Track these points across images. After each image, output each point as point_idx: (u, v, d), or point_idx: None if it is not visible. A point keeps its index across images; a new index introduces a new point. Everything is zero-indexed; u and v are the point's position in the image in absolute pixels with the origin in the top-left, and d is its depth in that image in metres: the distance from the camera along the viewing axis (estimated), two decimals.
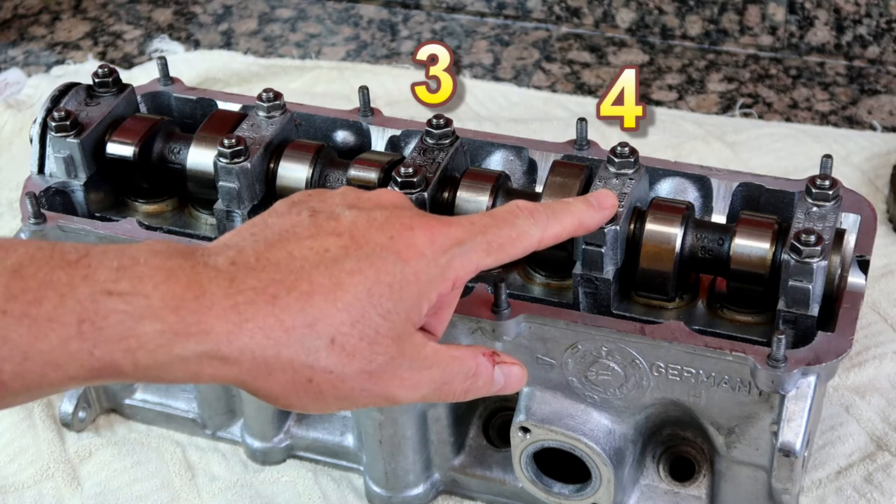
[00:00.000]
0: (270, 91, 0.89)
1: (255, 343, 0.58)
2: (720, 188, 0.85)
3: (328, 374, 0.60)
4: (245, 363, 0.58)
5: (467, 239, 0.65)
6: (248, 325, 0.58)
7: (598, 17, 1.41)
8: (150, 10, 1.53)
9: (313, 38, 1.45)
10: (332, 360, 0.60)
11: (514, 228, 0.67)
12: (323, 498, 0.91)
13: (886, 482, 0.89)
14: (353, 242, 0.62)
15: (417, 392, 0.64)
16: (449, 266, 0.64)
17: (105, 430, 0.97)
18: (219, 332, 0.57)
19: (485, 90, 1.32)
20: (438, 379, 0.65)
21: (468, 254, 0.65)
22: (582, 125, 0.87)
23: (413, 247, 0.63)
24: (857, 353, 0.98)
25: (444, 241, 0.64)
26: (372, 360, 0.61)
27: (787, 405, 0.74)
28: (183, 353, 0.57)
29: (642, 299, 0.82)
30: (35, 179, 0.90)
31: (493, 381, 0.68)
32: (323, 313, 0.59)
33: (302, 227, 0.63)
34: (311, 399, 0.61)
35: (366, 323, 0.60)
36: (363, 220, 0.63)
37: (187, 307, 0.57)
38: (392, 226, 0.63)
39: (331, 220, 0.63)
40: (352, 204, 0.65)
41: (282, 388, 0.60)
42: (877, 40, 1.31)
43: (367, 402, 0.63)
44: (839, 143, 1.19)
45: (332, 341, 0.59)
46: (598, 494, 0.81)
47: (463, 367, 0.66)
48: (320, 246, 0.61)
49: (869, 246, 0.81)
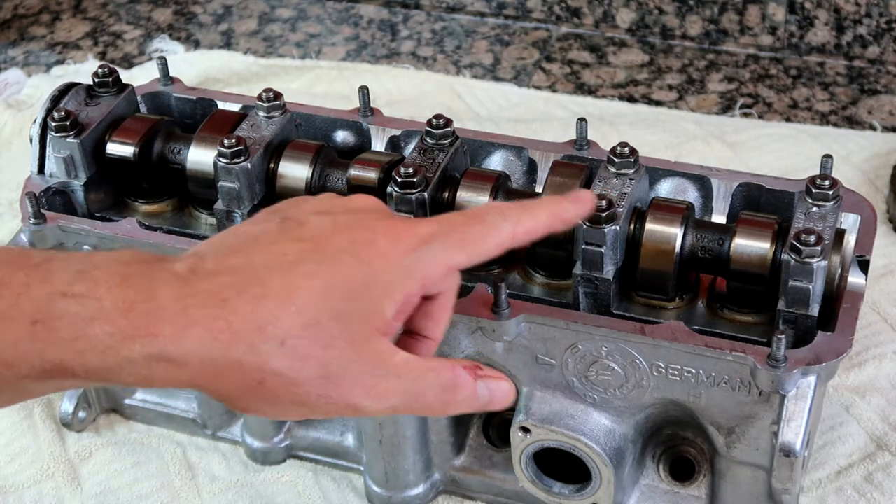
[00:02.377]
0: (270, 91, 0.89)
1: (202, 345, 0.58)
2: (720, 188, 0.85)
3: (279, 377, 0.59)
4: (194, 365, 0.58)
5: (435, 237, 0.63)
6: (195, 328, 0.58)
7: (598, 17, 1.41)
8: (150, 10, 1.53)
9: (313, 38, 1.45)
10: (283, 363, 0.59)
11: (484, 224, 0.65)
12: (323, 498, 0.91)
13: (886, 482, 0.89)
14: (314, 246, 0.61)
15: (385, 402, 0.62)
16: (416, 266, 0.62)
17: (105, 430, 0.97)
18: (166, 335, 0.57)
19: (485, 90, 1.32)
20: (410, 390, 0.63)
21: (437, 252, 0.63)
22: (582, 125, 0.87)
23: (374, 248, 0.62)
24: (857, 353, 0.98)
25: (410, 241, 0.63)
26: (327, 364, 0.60)
27: (787, 405, 0.74)
28: (131, 355, 0.57)
29: (642, 299, 0.82)
30: (35, 179, 0.90)
31: (476, 395, 0.66)
32: (273, 316, 0.59)
33: (269, 234, 0.63)
34: (266, 402, 0.60)
35: (319, 327, 0.59)
36: (328, 224, 0.63)
37: (137, 310, 0.57)
38: (355, 229, 0.63)
39: (297, 227, 0.63)
40: (323, 210, 0.64)
41: (234, 390, 0.60)
42: (877, 40, 1.31)
43: (329, 410, 0.62)
44: (839, 143, 1.19)
45: (283, 344, 0.59)
46: (598, 494, 0.81)
47: (438, 378, 0.65)
48: (280, 251, 0.61)
49: (869, 246, 0.81)
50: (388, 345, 0.62)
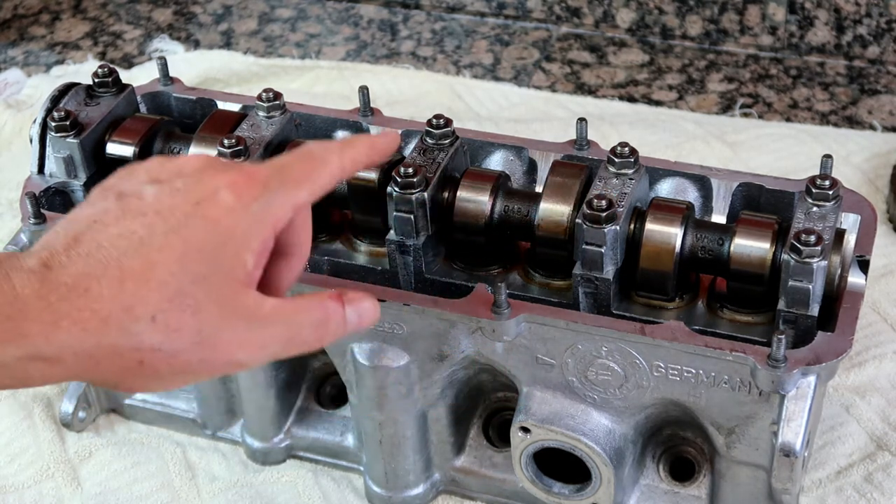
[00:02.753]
0: (270, 91, 0.89)
1: (74, 338, 0.58)
2: (720, 188, 0.85)
3: (157, 353, 0.59)
4: (68, 359, 0.58)
5: (273, 180, 0.64)
6: (63, 323, 0.58)
7: (598, 17, 1.41)
8: (150, 10, 1.53)
9: (313, 38, 1.45)
10: (158, 337, 0.59)
11: (314, 159, 0.66)
12: (323, 498, 0.91)
13: (886, 482, 0.89)
14: (159, 218, 0.61)
15: (264, 352, 0.63)
16: (264, 212, 0.63)
17: (105, 430, 0.97)
18: (35, 334, 0.57)
19: (485, 90, 1.32)
20: (284, 334, 0.63)
21: (280, 194, 0.64)
22: (582, 125, 0.87)
23: (219, 205, 0.62)
24: (857, 353, 0.98)
25: (251, 190, 0.63)
26: (200, 329, 0.60)
27: (787, 405, 0.74)
28: (4, 359, 0.57)
29: (642, 299, 0.82)
30: (35, 179, 0.90)
31: (346, 321, 0.66)
32: (137, 295, 0.58)
33: (109, 213, 0.62)
34: (148, 379, 0.60)
35: (184, 295, 0.59)
36: (166, 192, 0.62)
37: (2, 313, 0.57)
38: (195, 191, 0.62)
39: (137, 201, 0.62)
40: (154, 178, 0.64)
41: (115, 375, 0.60)
42: (877, 40, 1.31)
43: (211, 372, 0.62)
44: (839, 143, 1.19)
45: (153, 320, 0.59)
46: (598, 494, 0.81)
47: (311, 316, 0.65)
48: (126, 229, 0.61)
49: (869, 246, 0.81)
50: (255, 296, 0.62)
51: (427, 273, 0.84)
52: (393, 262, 0.83)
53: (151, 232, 0.60)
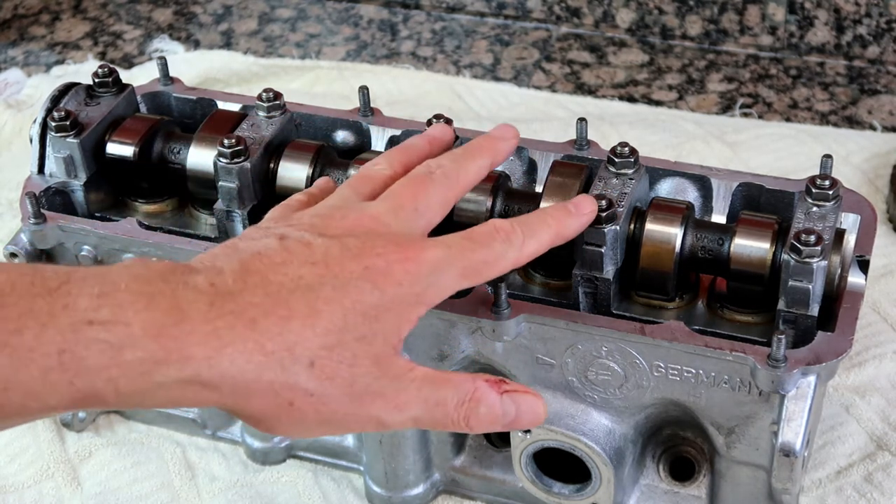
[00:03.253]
0: (270, 91, 0.89)
1: (236, 367, 0.58)
2: (720, 188, 0.85)
3: (310, 397, 0.60)
4: (226, 387, 0.59)
5: (444, 265, 0.65)
6: (227, 350, 0.58)
7: (598, 17, 1.41)
8: (150, 10, 1.53)
9: (313, 38, 1.45)
10: (313, 382, 0.60)
11: (490, 252, 0.67)
12: (323, 498, 0.91)
13: (886, 482, 0.89)
14: (328, 271, 0.62)
15: (405, 413, 0.64)
16: (426, 293, 0.64)
17: (105, 430, 0.97)
18: (199, 358, 0.58)
19: (485, 90, 1.32)
20: (429, 399, 0.64)
21: (444, 280, 0.65)
22: (582, 125, 0.87)
23: (389, 276, 0.63)
24: (857, 353, 0.98)
25: (421, 269, 0.64)
26: (353, 381, 0.61)
27: (787, 405, 0.74)
28: (164, 380, 0.57)
29: (642, 299, 0.82)
30: (35, 179, 0.90)
31: (501, 410, 0.67)
32: (301, 337, 0.59)
33: (273, 251, 0.63)
34: (293, 422, 0.61)
35: (343, 347, 0.61)
36: (336, 248, 0.63)
37: (168, 334, 0.57)
38: (367, 255, 0.63)
39: (302, 247, 0.63)
40: (321, 233, 0.65)
41: (264, 411, 0.60)
42: (877, 40, 1.31)
43: (353, 426, 0.63)
44: (839, 143, 1.19)
45: (312, 364, 0.60)
46: (598, 494, 0.81)
47: (458, 390, 0.65)
48: (295, 273, 0.62)
49: (869, 246, 0.81)
50: (405, 361, 0.64)
51: None
52: None
53: (320, 282, 0.61)
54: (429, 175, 0.71)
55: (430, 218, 0.70)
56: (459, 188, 0.73)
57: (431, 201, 0.70)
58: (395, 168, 0.74)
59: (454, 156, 0.74)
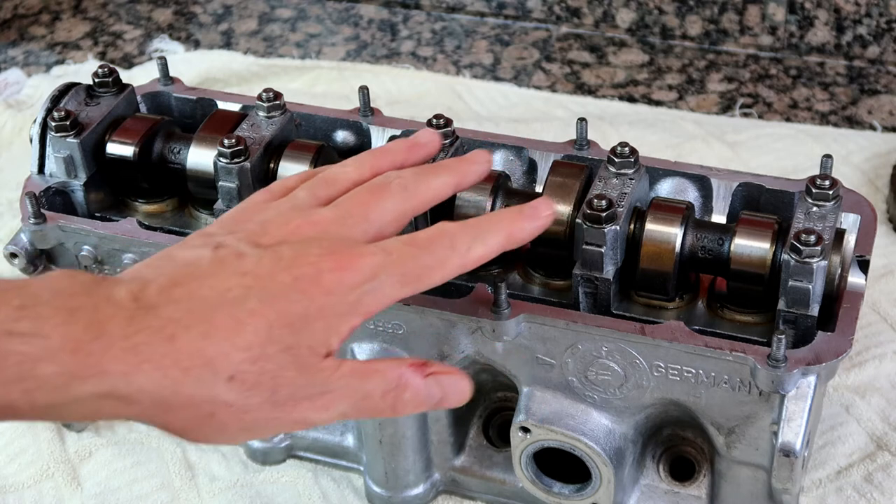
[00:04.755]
0: (270, 91, 0.89)
1: (153, 383, 0.58)
2: (720, 188, 0.85)
3: (230, 408, 0.60)
4: (144, 402, 0.59)
5: (380, 273, 0.64)
6: (144, 366, 0.58)
7: (598, 17, 1.41)
8: (150, 10, 1.53)
9: (313, 38, 1.45)
10: (233, 394, 0.60)
11: (432, 257, 0.66)
12: (323, 498, 0.91)
13: (886, 482, 0.89)
14: (257, 282, 0.62)
15: (332, 411, 0.63)
16: (360, 302, 0.63)
17: (105, 430, 0.97)
18: (116, 373, 0.58)
19: (485, 90, 1.32)
20: (355, 395, 0.64)
21: (381, 288, 0.64)
22: (582, 125, 0.87)
23: (318, 285, 0.62)
24: (857, 353, 0.98)
25: (354, 277, 0.63)
26: (275, 390, 0.61)
27: (787, 405, 0.74)
28: (81, 394, 0.58)
29: (642, 299, 0.82)
30: (35, 179, 0.90)
31: (426, 393, 0.66)
32: (221, 352, 0.59)
33: (206, 264, 0.63)
34: (215, 431, 0.61)
35: (266, 359, 0.60)
36: (268, 258, 0.63)
37: (85, 349, 0.57)
38: (298, 265, 0.63)
39: (235, 258, 0.63)
40: (256, 242, 0.65)
41: (185, 424, 0.61)
42: (877, 40, 1.31)
43: (278, 430, 0.64)
44: (839, 143, 1.19)
45: (232, 378, 0.60)
46: (598, 494, 0.81)
47: (384, 379, 0.65)
48: (222, 285, 0.61)
49: (869, 246, 0.81)
50: (332, 361, 0.63)
51: None
52: None
53: (247, 294, 0.61)
54: (387, 185, 0.70)
55: (380, 228, 0.68)
56: (416, 202, 0.70)
57: (385, 212, 0.68)
58: (362, 172, 0.72)
59: (419, 170, 0.73)
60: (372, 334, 0.81)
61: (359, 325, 0.64)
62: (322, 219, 0.67)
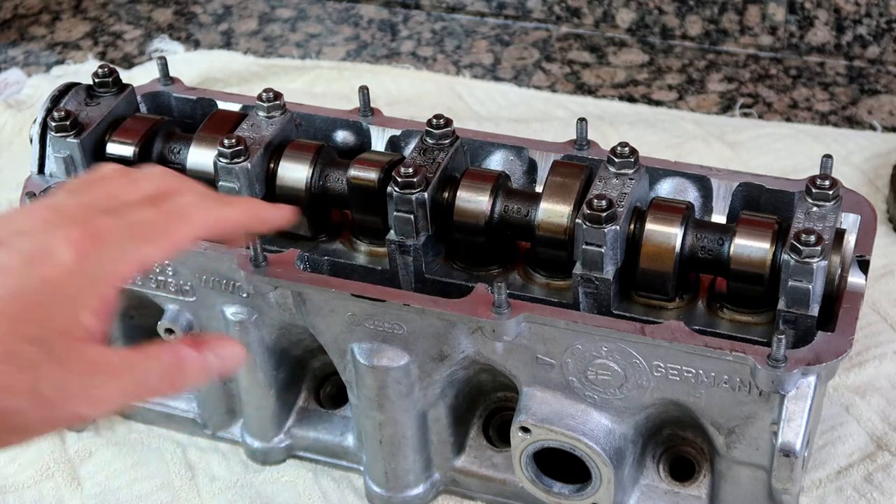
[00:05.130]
0: (270, 91, 0.89)
1: None
2: (720, 188, 0.85)
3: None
4: None
5: (118, 235, 0.62)
6: None
7: (598, 17, 1.41)
8: (150, 10, 1.53)
9: (313, 38, 1.45)
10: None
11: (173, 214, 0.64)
12: (323, 498, 0.91)
13: (886, 482, 0.89)
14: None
15: (108, 404, 0.61)
16: (101, 270, 0.61)
17: (105, 430, 0.97)
18: None
19: (485, 90, 1.32)
20: (131, 384, 0.62)
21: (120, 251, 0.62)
22: (582, 125, 0.87)
23: (54, 264, 0.60)
24: (857, 353, 0.98)
25: (89, 246, 0.61)
26: (35, 387, 0.58)
27: (787, 405, 0.74)
28: None
29: (642, 299, 0.82)
30: (35, 179, 0.90)
31: (207, 366, 0.65)
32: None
33: None
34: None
35: (16, 355, 0.58)
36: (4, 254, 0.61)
37: None
38: (30, 250, 0.61)
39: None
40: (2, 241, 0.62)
41: None
42: (877, 40, 1.31)
43: (53, 428, 0.61)
44: (839, 143, 1.19)
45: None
46: (598, 494, 0.81)
47: (160, 363, 0.63)
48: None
49: (869, 246, 0.81)
50: (98, 350, 0.61)
51: (427, 273, 0.84)
52: (393, 262, 0.83)
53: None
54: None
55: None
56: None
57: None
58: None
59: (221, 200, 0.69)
60: (372, 334, 0.81)
61: (114, 293, 0.62)
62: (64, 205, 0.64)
